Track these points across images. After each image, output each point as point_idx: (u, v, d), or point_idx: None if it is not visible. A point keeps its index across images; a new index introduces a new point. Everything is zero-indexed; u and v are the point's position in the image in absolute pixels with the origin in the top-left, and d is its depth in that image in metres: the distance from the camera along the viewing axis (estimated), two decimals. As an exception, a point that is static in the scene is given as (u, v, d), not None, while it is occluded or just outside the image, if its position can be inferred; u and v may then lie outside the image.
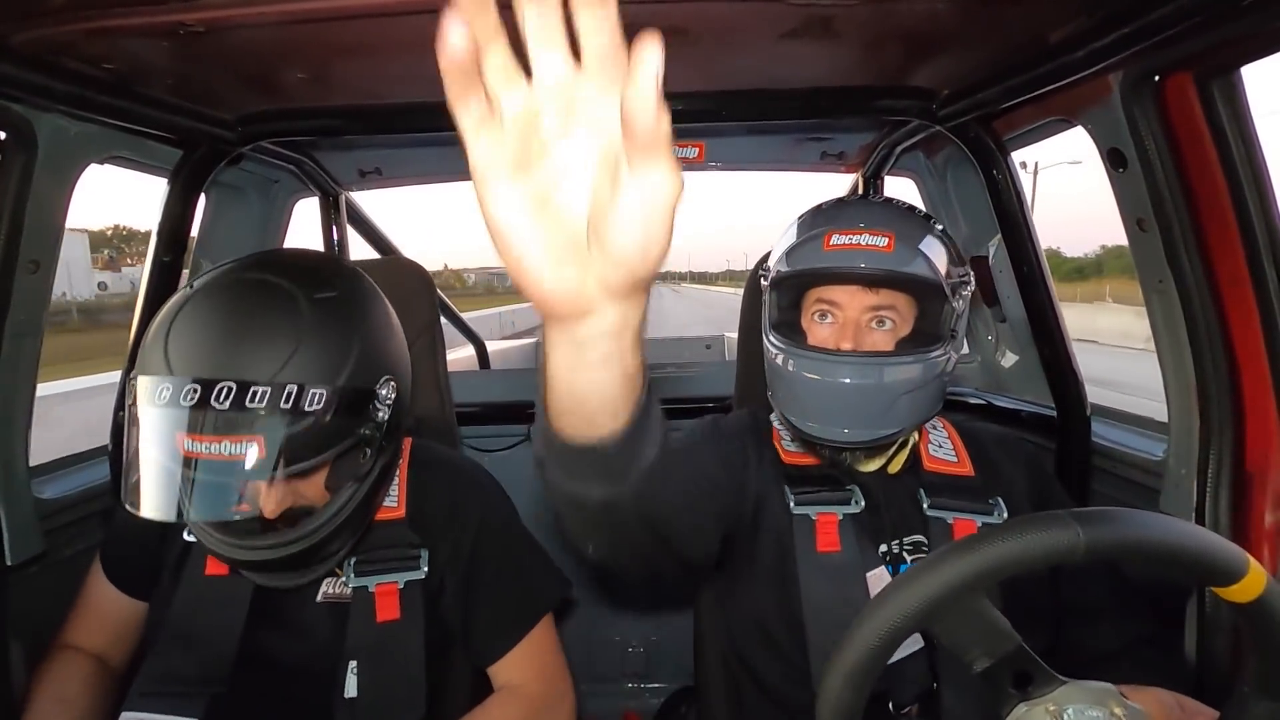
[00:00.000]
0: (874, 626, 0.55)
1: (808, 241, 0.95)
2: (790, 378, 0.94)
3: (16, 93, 0.92)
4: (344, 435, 0.82)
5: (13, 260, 1.00)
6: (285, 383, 0.76)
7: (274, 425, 0.76)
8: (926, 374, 0.92)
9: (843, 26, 0.96)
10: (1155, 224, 1.00)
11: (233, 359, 0.76)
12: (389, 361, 0.89)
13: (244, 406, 0.74)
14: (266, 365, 0.76)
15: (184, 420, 0.74)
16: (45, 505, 1.14)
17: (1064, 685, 0.57)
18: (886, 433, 0.92)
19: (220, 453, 0.75)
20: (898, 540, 0.97)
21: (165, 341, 0.79)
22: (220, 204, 1.69)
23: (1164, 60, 0.92)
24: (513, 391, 1.99)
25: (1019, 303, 1.40)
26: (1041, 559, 0.54)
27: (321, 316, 0.82)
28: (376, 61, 1.06)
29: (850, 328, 0.94)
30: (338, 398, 0.79)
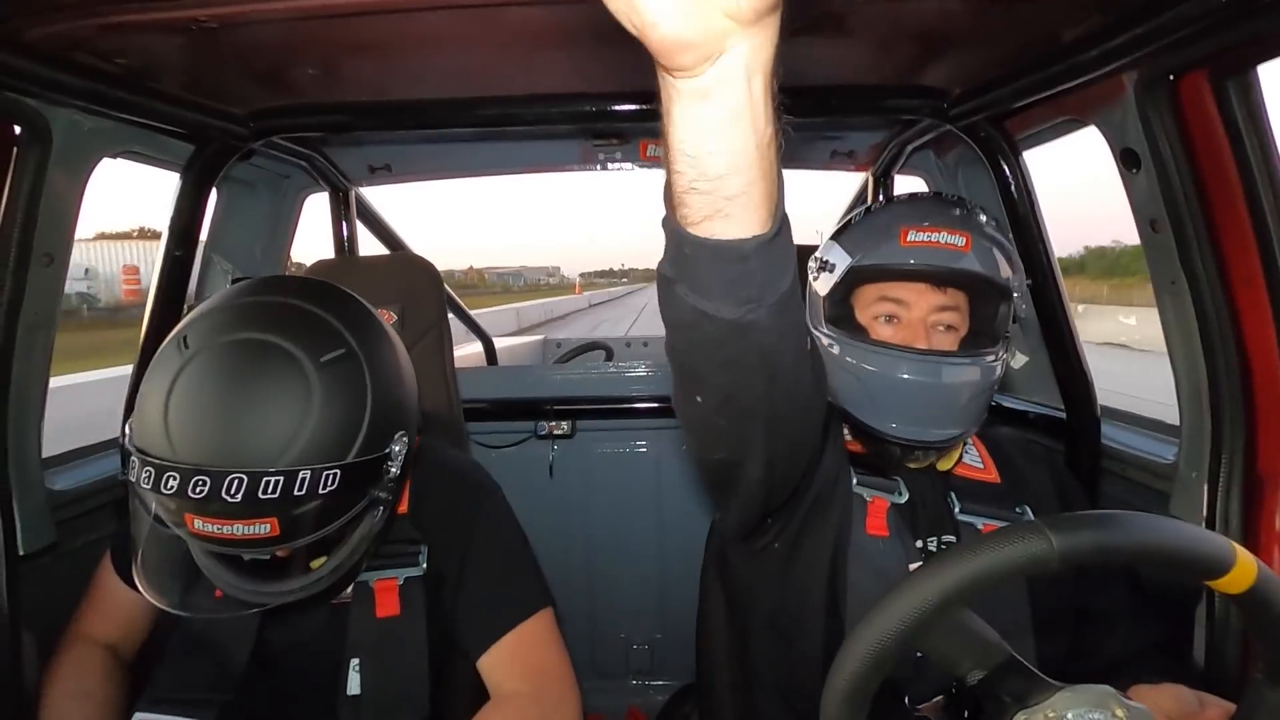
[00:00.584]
0: (859, 650, 0.55)
1: (879, 235, 0.93)
2: (869, 376, 0.92)
3: (31, 87, 0.93)
4: (356, 501, 0.81)
5: (27, 253, 1.01)
6: (297, 469, 0.73)
7: (286, 507, 0.74)
8: (997, 375, 0.94)
9: (854, 25, 0.96)
10: (1168, 225, 0.99)
11: (239, 444, 0.73)
12: (400, 415, 0.85)
13: (256, 499, 0.71)
14: (275, 448, 0.73)
15: (192, 507, 0.73)
16: (57, 496, 1.16)
17: (1061, 691, 0.57)
18: (959, 431, 0.93)
19: (232, 534, 0.73)
20: (934, 538, 0.97)
21: (165, 416, 0.74)
22: (231, 199, 1.71)
23: (1179, 60, 0.91)
24: (520, 388, 1.99)
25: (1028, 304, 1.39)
26: (1016, 570, 0.53)
27: (329, 384, 0.77)
28: (387, 58, 1.07)
29: (919, 328, 0.93)
30: (350, 473, 0.77)
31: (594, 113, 1.27)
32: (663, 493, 1.94)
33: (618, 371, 2.05)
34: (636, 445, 1.98)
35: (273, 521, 0.73)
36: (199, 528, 0.73)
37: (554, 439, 1.93)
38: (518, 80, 1.20)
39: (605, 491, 1.97)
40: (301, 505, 0.75)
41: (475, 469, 1.11)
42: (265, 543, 0.75)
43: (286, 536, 0.75)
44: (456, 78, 1.17)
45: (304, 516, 0.76)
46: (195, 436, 0.73)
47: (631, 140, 1.64)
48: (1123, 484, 1.25)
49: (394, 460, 0.83)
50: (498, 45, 1.01)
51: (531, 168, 1.97)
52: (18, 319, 1.02)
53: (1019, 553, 0.53)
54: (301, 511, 0.75)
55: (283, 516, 0.74)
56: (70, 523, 1.16)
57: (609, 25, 0.40)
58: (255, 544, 0.75)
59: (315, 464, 0.74)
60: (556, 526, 1.89)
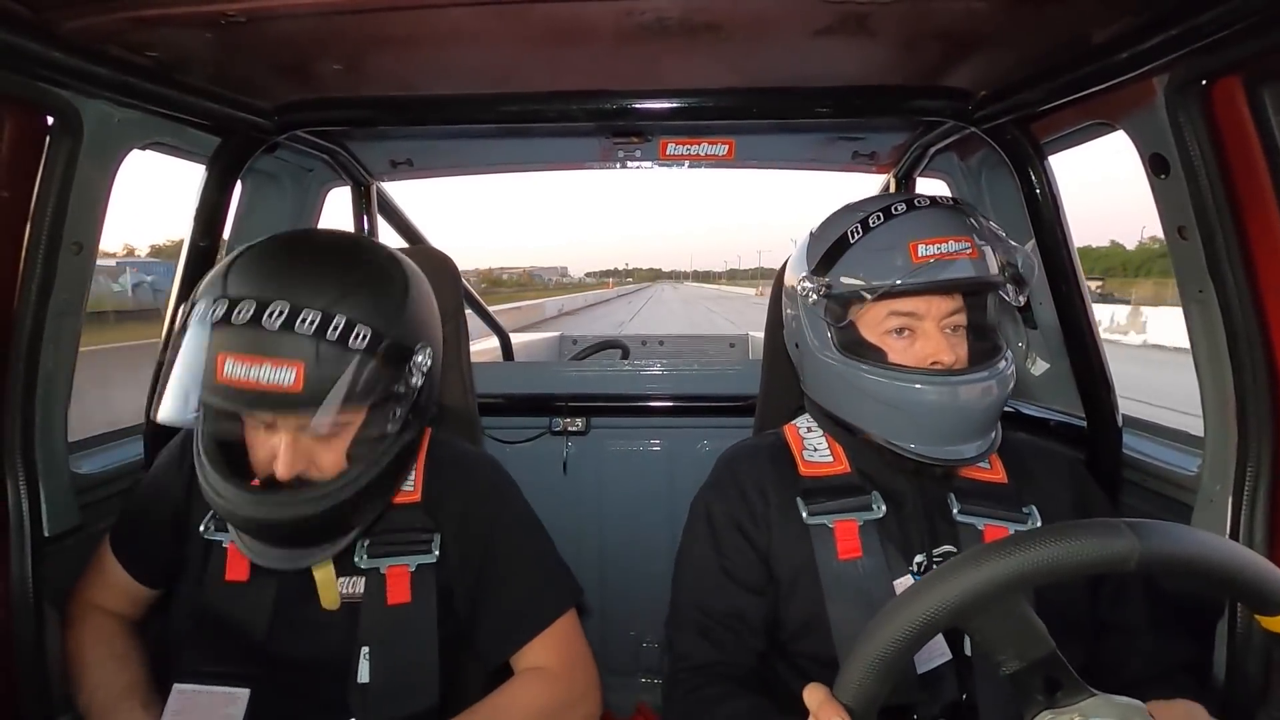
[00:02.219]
0: (910, 614, 0.54)
1: (887, 253, 0.91)
2: (905, 401, 0.91)
3: (64, 79, 0.95)
4: (378, 387, 0.82)
5: (57, 242, 1.03)
6: (334, 312, 0.78)
7: (315, 352, 0.76)
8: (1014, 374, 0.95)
9: (878, 25, 0.95)
10: (1197, 232, 0.97)
11: (288, 288, 0.78)
12: (428, 333, 0.90)
13: (293, 329, 0.75)
14: (320, 299, 0.78)
15: (229, 341, 0.76)
16: (82, 480, 1.18)
17: (1093, 698, 0.56)
18: (991, 440, 0.94)
19: (259, 378, 0.75)
20: (928, 552, 0.95)
21: (226, 273, 0.81)
22: (256, 191, 1.73)
23: (1212, 64, 0.89)
24: (536, 384, 2.00)
25: (1051, 310, 1.37)
26: (1092, 565, 0.53)
27: (377, 269, 0.87)
28: (410, 53, 1.07)
29: (938, 341, 0.92)
30: (381, 344, 0.80)
31: (614, 110, 1.27)
32: (675, 491, 1.94)
33: (633, 369, 2.05)
34: (650, 444, 1.98)
35: (299, 367, 0.75)
36: (228, 372, 0.75)
37: (568, 435, 1.93)
38: (539, 77, 1.20)
39: (618, 489, 1.97)
40: (330, 356, 0.77)
41: (491, 462, 1.11)
42: (288, 399, 0.76)
43: (309, 392, 0.76)
44: (479, 74, 1.18)
45: (328, 373, 0.77)
46: (249, 281, 0.79)
47: (651, 139, 1.64)
48: (1144, 494, 1.23)
49: (418, 367, 0.86)
50: (520, 42, 1.02)
51: (551, 165, 1.97)
52: (47, 306, 1.04)
53: (1100, 548, 0.52)
54: (328, 365, 0.77)
55: (309, 364, 0.76)
56: (94, 506, 1.19)
57: (631, 24, 0.40)
58: (278, 398, 0.76)
59: (353, 317, 0.78)
60: (569, 523, 1.89)
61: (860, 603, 0.91)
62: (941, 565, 0.56)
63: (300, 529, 0.85)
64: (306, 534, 0.87)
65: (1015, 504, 0.96)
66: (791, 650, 0.97)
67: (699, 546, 1.02)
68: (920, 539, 0.96)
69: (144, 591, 1.06)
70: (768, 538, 0.99)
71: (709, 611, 0.97)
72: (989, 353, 0.95)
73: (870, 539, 0.94)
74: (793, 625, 0.96)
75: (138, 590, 1.05)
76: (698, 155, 1.65)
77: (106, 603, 1.05)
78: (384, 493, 0.93)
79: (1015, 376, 0.95)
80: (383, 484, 0.91)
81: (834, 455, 1.02)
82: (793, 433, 1.06)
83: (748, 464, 1.04)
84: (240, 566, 0.97)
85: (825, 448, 1.03)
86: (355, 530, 0.91)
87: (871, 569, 0.92)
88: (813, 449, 1.03)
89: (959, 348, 0.94)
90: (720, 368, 2.03)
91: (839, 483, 0.99)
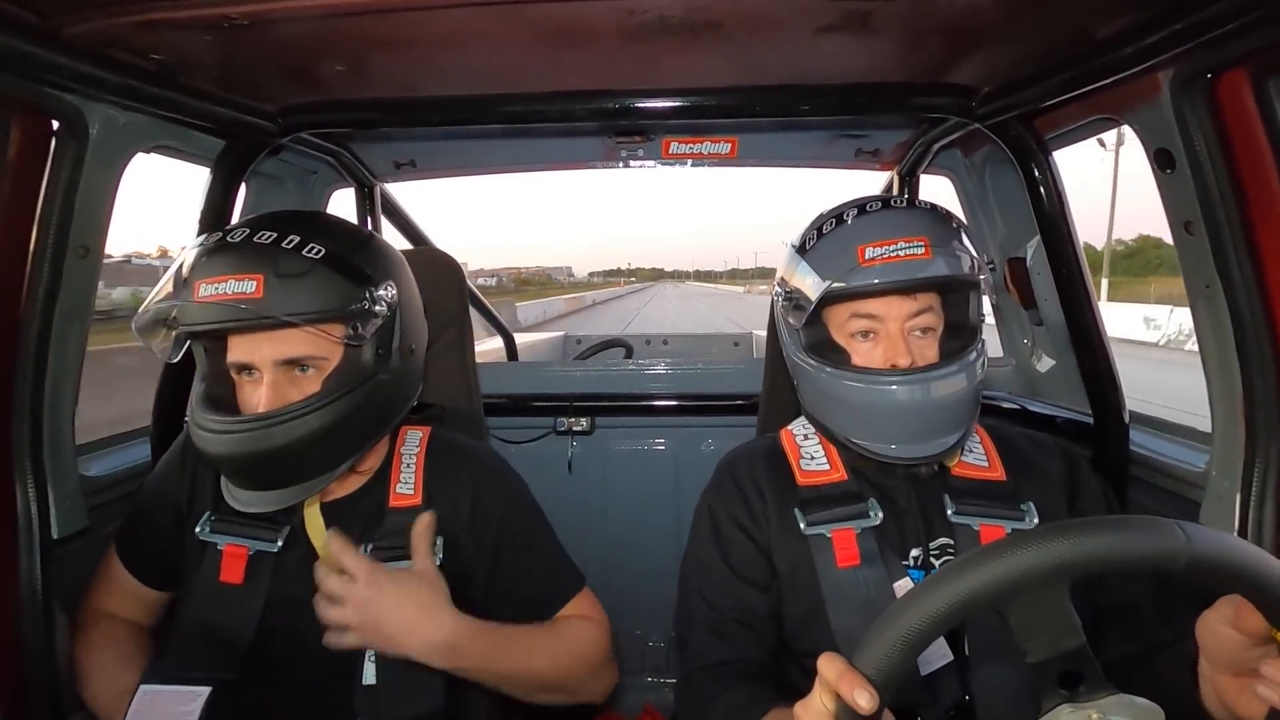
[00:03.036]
0: (952, 589, 0.54)
1: (837, 257, 0.93)
2: (857, 402, 0.92)
3: (69, 83, 0.95)
4: (336, 300, 0.88)
5: (63, 246, 1.04)
6: (291, 234, 0.88)
7: (274, 261, 0.85)
8: (981, 372, 0.94)
9: (881, 21, 0.95)
10: (1203, 227, 0.96)
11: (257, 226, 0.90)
12: (394, 275, 0.96)
13: (251, 243, 0.87)
14: (281, 227, 0.89)
15: (202, 270, 0.86)
16: (90, 482, 1.19)
17: (1113, 696, 0.55)
18: (957, 437, 0.93)
19: (224, 292, 0.83)
20: (924, 545, 0.96)
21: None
22: (260, 194, 1.74)
23: (1218, 58, 0.88)
24: (540, 384, 2.00)
25: (1056, 306, 1.37)
26: (1141, 561, 0.52)
27: (339, 221, 1.00)
28: (413, 54, 1.08)
29: (898, 341, 0.93)
30: (334, 259, 0.89)
31: (617, 110, 1.27)
32: (680, 490, 1.94)
33: (637, 369, 2.05)
34: (655, 443, 1.98)
35: (260, 278, 0.84)
36: (201, 293, 0.84)
37: (573, 435, 1.93)
38: (542, 77, 1.20)
39: (623, 488, 1.97)
40: (288, 267, 0.86)
41: (492, 451, 1.13)
42: (252, 306, 0.83)
43: (269, 299, 0.83)
44: (481, 74, 1.18)
45: (286, 284, 0.85)
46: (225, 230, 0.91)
47: (654, 138, 1.64)
48: (1151, 491, 1.22)
49: (380, 298, 0.92)
50: (522, 42, 1.02)
51: (554, 165, 1.97)
52: (54, 309, 1.05)
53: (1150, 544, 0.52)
54: (286, 275, 0.85)
55: (269, 275, 0.84)
56: (102, 509, 1.19)
57: (633, 23, 0.40)
58: (243, 307, 0.83)
59: (308, 237, 0.89)
60: (574, 522, 1.89)
61: (861, 610, 0.91)
62: (987, 545, 0.56)
63: (276, 458, 0.88)
64: (282, 465, 0.89)
65: (1013, 501, 0.96)
66: (794, 647, 0.98)
67: (704, 547, 1.03)
68: (916, 537, 0.96)
69: (152, 595, 1.06)
70: (768, 535, 1.00)
71: (719, 609, 0.98)
72: (954, 353, 0.94)
73: (868, 545, 0.94)
74: (794, 621, 0.97)
75: (145, 594, 1.06)
76: (701, 154, 1.65)
77: (116, 609, 1.06)
78: (359, 433, 0.94)
79: (981, 371, 0.94)
80: (358, 422, 0.92)
81: (830, 462, 1.02)
82: (789, 439, 1.07)
83: (746, 466, 1.05)
84: (234, 569, 0.97)
85: (822, 455, 1.03)
86: (330, 471, 0.92)
87: (871, 576, 0.93)
88: (809, 457, 1.03)
89: (927, 349, 0.94)
90: (724, 367, 2.03)
91: (837, 491, 0.99)
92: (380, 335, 0.93)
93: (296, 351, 0.88)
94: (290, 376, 0.90)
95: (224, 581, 0.97)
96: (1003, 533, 0.93)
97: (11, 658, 1.00)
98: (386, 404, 0.97)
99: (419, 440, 1.06)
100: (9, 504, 1.03)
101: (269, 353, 0.88)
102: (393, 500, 1.00)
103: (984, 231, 1.77)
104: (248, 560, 0.98)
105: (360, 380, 0.91)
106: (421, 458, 1.04)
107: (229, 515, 0.98)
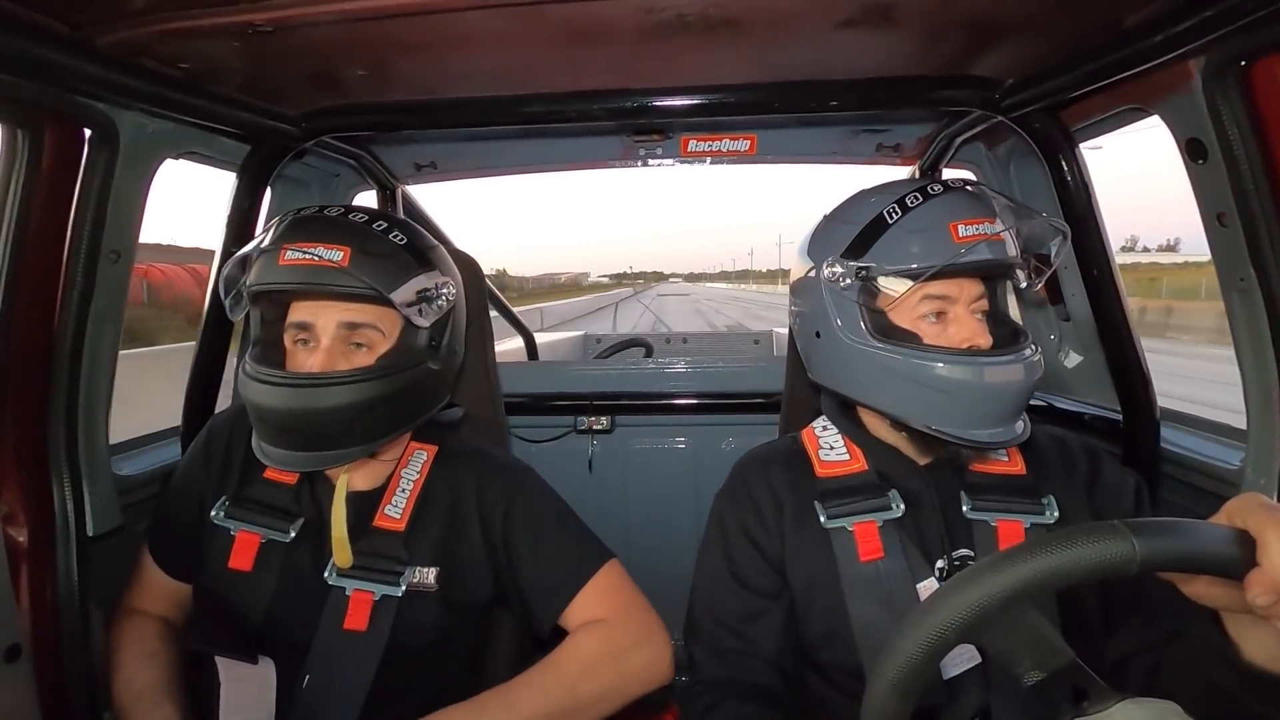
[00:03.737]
0: (917, 637, 0.54)
1: (928, 236, 0.89)
2: (947, 386, 0.89)
3: (101, 91, 0.97)
4: (410, 286, 0.94)
5: (96, 250, 1.06)
6: (377, 219, 0.97)
7: (361, 239, 0.92)
8: None
9: (902, 15, 0.94)
10: (1238, 219, 0.94)
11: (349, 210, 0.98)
12: (451, 275, 1.03)
13: (345, 219, 0.95)
14: (371, 215, 0.98)
15: (289, 236, 0.91)
16: (123, 481, 1.22)
17: (1123, 701, 0.54)
18: (1025, 423, 0.93)
19: (314, 257, 0.89)
20: (948, 555, 0.94)
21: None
22: (285, 197, 1.76)
23: (1251, 44, 0.86)
24: (561, 383, 2.01)
25: (1084, 301, 1.34)
26: (1093, 571, 0.51)
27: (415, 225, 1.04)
28: (433, 57, 1.09)
29: (971, 324, 0.91)
30: (414, 249, 0.97)
31: (636, 109, 1.27)
32: (700, 489, 1.94)
33: (657, 368, 2.05)
34: (675, 442, 1.98)
35: (348, 250, 0.90)
36: (289, 256, 0.90)
37: (593, 434, 1.94)
38: (561, 77, 1.20)
39: (644, 487, 1.97)
40: (374, 245, 0.93)
41: (497, 452, 1.14)
42: (337, 274, 0.89)
43: (354, 268, 0.89)
44: (500, 76, 1.18)
45: (369, 258, 0.91)
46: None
47: (673, 136, 1.63)
48: (1184, 490, 1.19)
49: (444, 293, 0.98)
50: (540, 43, 1.02)
51: (573, 165, 1.98)
52: (88, 313, 1.07)
53: (1098, 553, 0.51)
54: (371, 253, 0.91)
55: (355, 248, 0.90)
56: (135, 507, 1.22)
57: (651, 21, 0.40)
58: (328, 272, 0.89)
59: (393, 226, 0.97)
60: (595, 521, 1.88)
61: (883, 605, 0.90)
62: (946, 583, 0.56)
63: (322, 418, 0.90)
64: (326, 427, 0.91)
65: (1033, 494, 0.94)
66: (815, 660, 0.97)
67: (712, 552, 1.03)
68: (939, 540, 0.94)
69: (181, 589, 1.08)
70: (780, 546, 0.98)
71: (721, 618, 0.97)
72: (1010, 338, 0.94)
73: (891, 539, 0.93)
74: (813, 636, 0.96)
75: (175, 588, 1.08)
76: (720, 151, 1.64)
77: (149, 607, 1.08)
78: (400, 412, 0.97)
79: (1043, 363, 0.94)
80: (402, 402, 0.96)
81: (851, 454, 1.01)
82: (810, 436, 1.06)
83: (759, 471, 1.04)
84: (245, 557, 1.00)
85: (842, 446, 1.02)
86: (364, 444, 0.95)
87: (894, 571, 0.91)
88: (829, 448, 1.02)
89: (985, 330, 0.93)
90: (744, 365, 2.02)
91: (857, 481, 0.98)
92: (436, 327, 0.99)
93: (362, 317, 0.93)
94: (345, 348, 0.94)
95: (233, 568, 1.00)
96: (1020, 528, 0.92)
97: (50, 654, 1.03)
98: (429, 393, 1.01)
99: (421, 464, 1.06)
100: (46, 502, 1.06)
101: (336, 315, 0.93)
102: (378, 519, 1.01)
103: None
104: (259, 548, 1.00)
105: (412, 362, 0.96)
106: (419, 484, 1.04)
107: (244, 502, 1.01)
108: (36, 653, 0.99)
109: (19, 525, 1.02)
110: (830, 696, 0.97)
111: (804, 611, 0.96)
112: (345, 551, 0.98)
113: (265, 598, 0.98)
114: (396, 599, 0.97)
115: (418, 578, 0.99)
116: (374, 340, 0.95)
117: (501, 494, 1.05)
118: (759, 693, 0.94)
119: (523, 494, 1.06)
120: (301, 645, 0.96)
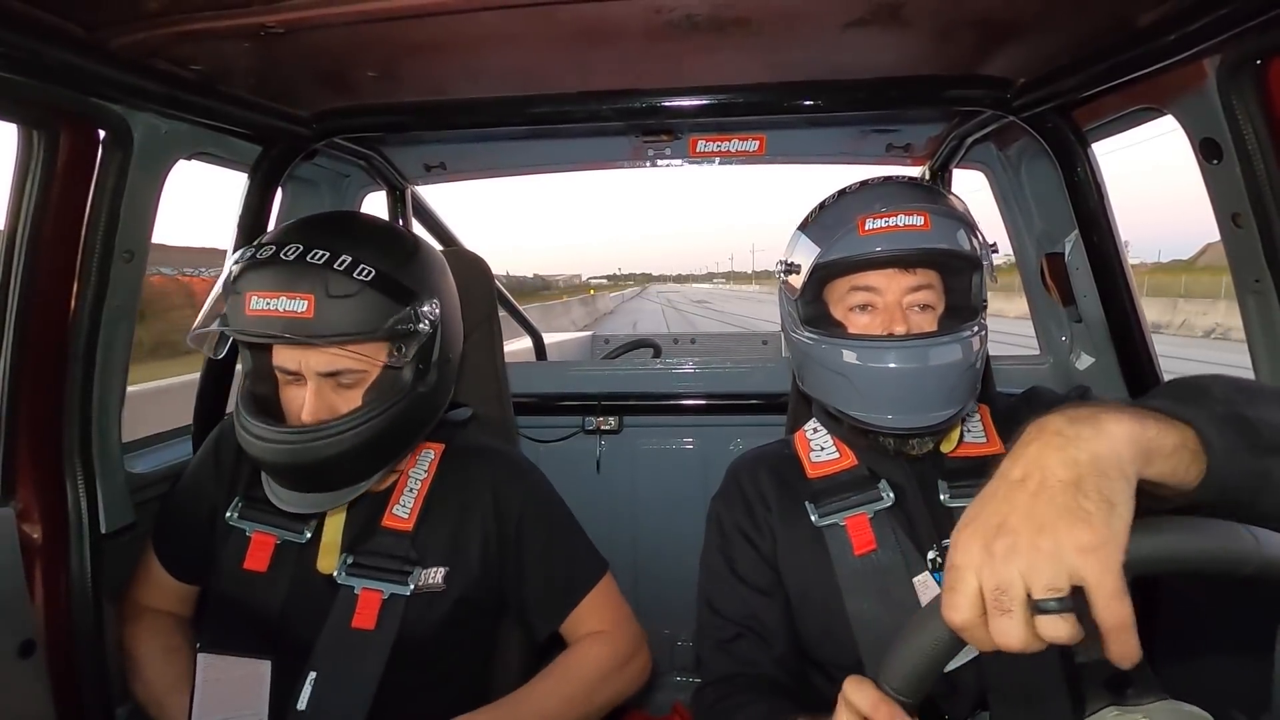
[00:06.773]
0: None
1: (838, 229, 0.93)
2: (854, 371, 0.91)
3: (115, 93, 0.98)
4: (384, 321, 0.89)
5: (110, 250, 1.08)
6: (341, 252, 0.88)
7: (325, 282, 0.86)
8: (980, 347, 0.93)
9: (912, 14, 0.93)
10: (1252, 219, 0.93)
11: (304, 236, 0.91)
12: (437, 290, 0.98)
13: (304, 262, 0.87)
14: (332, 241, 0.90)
15: (254, 281, 0.87)
16: (135, 479, 1.23)
17: (1162, 701, 0.53)
18: (953, 411, 0.91)
19: (276, 308, 0.85)
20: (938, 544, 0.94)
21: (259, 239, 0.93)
22: (296, 197, 1.77)
23: (1267, 42, 0.85)
24: (569, 383, 2.01)
25: (1096, 302, 1.33)
26: (1209, 562, 0.50)
27: (386, 228, 1.03)
28: (442, 59, 1.09)
29: (895, 313, 0.92)
30: (385, 281, 0.90)
31: (644, 109, 1.27)
32: (709, 490, 1.91)
33: (665, 368, 2.05)
34: (683, 442, 1.98)
35: (310, 298, 0.85)
36: (253, 306, 0.86)
37: (601, 434, 1.94)
38: (569, 78, 1.21)
39: (651, 487, 1.97)
40: (339, 287, 0.86)
41: (510, 453, 1.14)
42: (302, 325, 0.85)
43: (320, 319, 0.85)
44: (509, 77, 1.19)
45: (336, 304, 0.86)
46: (277, 235, 0.92)
47: (681, 136, 1.63)
48: None
49: (423, 315, 0.93)
50: (549, 43, 1.02)
51: (581, 165, 1.98)
52: (102, 312, 1.08)
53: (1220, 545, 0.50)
54: (337, 295, 0.86)
55: (319, 295, 0.85)
56: (147, 504, 1.23)
57: (660, 22, 0.40)
58: (294, 324, 0.85)
59: (359, 256, 0.89)
60: (602, 521, 1.89)
61: (880, 600, 0.90)
62: None
63: (320, 468, 0.91)
64: (326, 474, 0.92)
65: None
66: (813, 657, 0.98)
67: (713, 552, 1.04)
68: (927, 531, 0.94)
69: (187, 589, 1.10)
70: (772, 545, 1.00)
71: (726, 616, 0.99)
72: (955, 327, 0.93)
73: (884, 530, 0.94)
74: (810, 635, 0.97)
75: (181, 589, 1.10)
76: (728, 152, 1.64)
77: (156, 603, 1.09)
78: (399, 442, 0.97)
79: (979, 348, 0.92)
80: (397, 433, 0.95)
81: (840, 452, 1.02)
82: (801, 438, 1.07)
83: (749, 473, 1.06)
84: (260, 558, 1.00)
85: (831, 445, 1.03)
86: (369, 477, 0.95)
87: (889, 563, 0.92)
88: (819, 448, 1.03)
89: (924, 324, 0.93)
90: (752, 366, 2.01)
91: (847, 477, 0.99)
92: (420, 353, 0.95)
93: (340, 365, 0.91)
94: (333, 385, 0.93)
95: (248, 569, 1.00)
96: None
97: (64, 649, 1.04)
98: (424, 414, 1.00)
99: (429, 463, 1.07)
100: (60, 500, 1.07)
101: (314, 364, 0.91)
102: (386, 520, 1.02)
103: (1020, 226, 1.73)
104: (274, 550, 1.01)
105: (400, 395, 0.94)
106: (427, 484, 1.05)
107: (258, 503, 1.02)
108: (50, 648, 1.01)
109: (33, 522, 1.03)
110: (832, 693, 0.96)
111: (799, 611, 0.97)
112: (331, 558, 1.00)
113: (279, 598, 0.99)
114: (404, 598, 0.98)
115: (426, 578, 1.00)
116: (358, 378, 0.93)
117: (518, 494, 1.06)
118: (765, 683, 0.95)
119: (538, 498, 1.08)
120: (305, 643, 0.97)
